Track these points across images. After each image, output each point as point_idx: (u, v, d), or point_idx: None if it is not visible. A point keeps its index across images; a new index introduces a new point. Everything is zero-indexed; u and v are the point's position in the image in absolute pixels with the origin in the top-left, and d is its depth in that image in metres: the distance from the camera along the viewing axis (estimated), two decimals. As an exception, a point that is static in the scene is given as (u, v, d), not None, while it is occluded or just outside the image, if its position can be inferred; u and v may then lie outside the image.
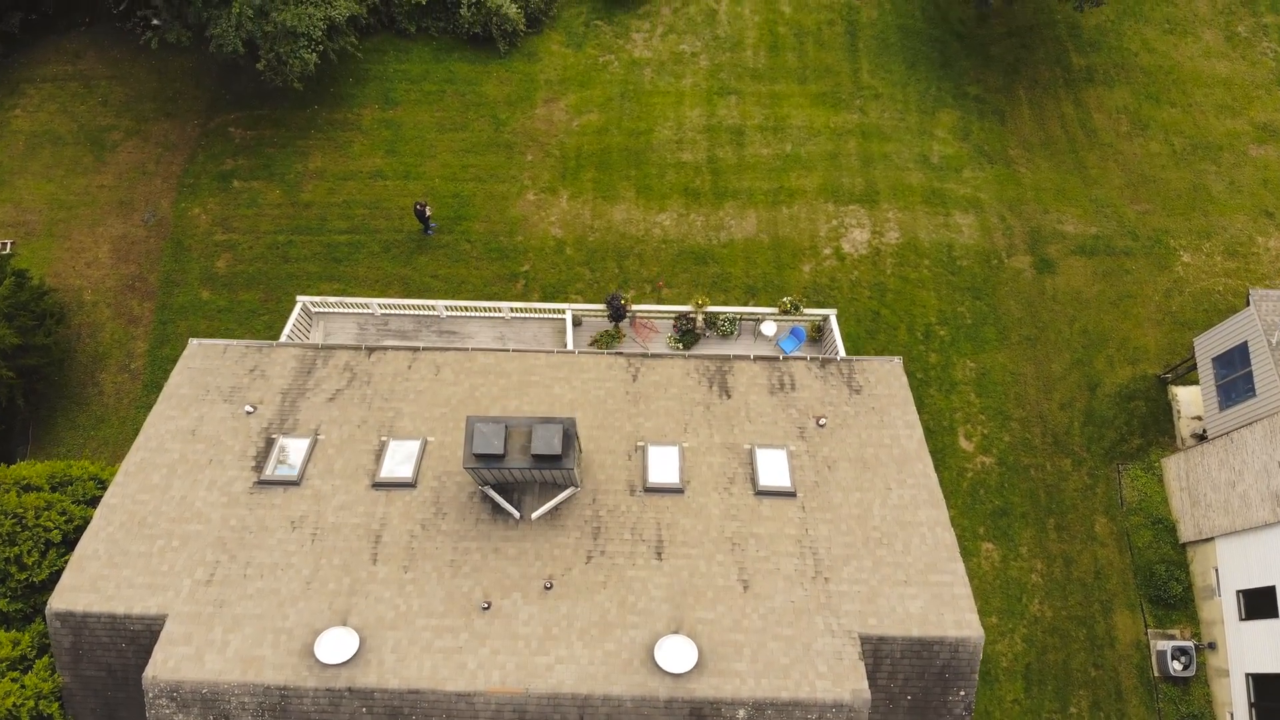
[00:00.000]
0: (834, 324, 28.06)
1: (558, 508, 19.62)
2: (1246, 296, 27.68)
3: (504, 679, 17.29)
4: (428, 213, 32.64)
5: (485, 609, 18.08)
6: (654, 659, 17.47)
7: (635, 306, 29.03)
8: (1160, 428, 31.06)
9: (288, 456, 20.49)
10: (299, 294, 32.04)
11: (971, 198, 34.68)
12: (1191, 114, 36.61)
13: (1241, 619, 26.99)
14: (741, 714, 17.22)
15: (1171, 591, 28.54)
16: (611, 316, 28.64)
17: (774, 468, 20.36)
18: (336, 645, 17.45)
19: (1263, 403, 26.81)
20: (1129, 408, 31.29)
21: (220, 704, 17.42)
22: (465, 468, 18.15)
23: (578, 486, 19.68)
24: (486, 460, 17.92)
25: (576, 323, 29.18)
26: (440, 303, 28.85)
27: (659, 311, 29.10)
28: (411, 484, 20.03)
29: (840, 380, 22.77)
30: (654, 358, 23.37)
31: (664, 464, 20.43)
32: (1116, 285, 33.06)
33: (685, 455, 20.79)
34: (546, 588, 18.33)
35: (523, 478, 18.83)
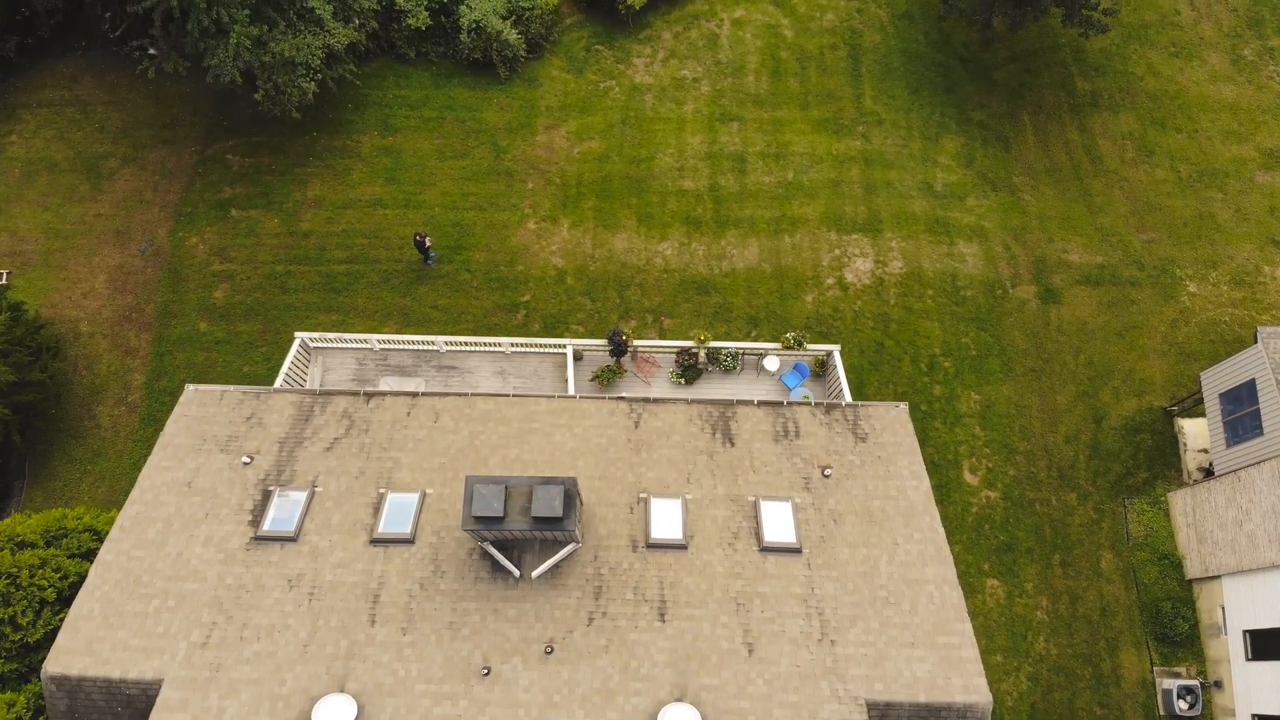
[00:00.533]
0: (838, 360, 27.77)
1: (559, 565, 19.35)
2: (1255, 333, 27.40)
3: (505, 746, 17.03)
4: (427, 244, 32.36)
5: (485, 674, 17.81)
6: (657, 727, 17.20)
7: (637, 341, 28.75)
8: (1166, 461, 30.78)
9: (285, 511, 20.20)
10: (298, 327, 31.81)
11: (976, 226, 34.38)
12: (1197, 140, 36.29)
13: (1248, 659, 26.71)
14: (746, 782, 16.96)
15: (1177, 629, 28.28)
16: (613, 352, 28.36)
17: (779, 522, 20.08)
18: (334, 713, 17.18)
19: (1270, 442, 26.52)
20: (1135, 440, 31.02)
21: (217, 771, 17.16)
22: (464, 529, 17.87)
23: (579, 543, 19.41)
24: (486, 523, 17.65)
25: (578, 357, 28.90)
26: (440, 338, 28.55)
27: (660, 347, 28.82)
28: (410, 540, 19.75)
29: (845, 427, 22.49)
30: (656, 402, 23.08)
31: (667, 518, 20.14)
32: (1122, 316, 32.76)
33: (688, 508, 20.51)
34: (547, 652, 18.06)
35: (523, 536, 18.56)
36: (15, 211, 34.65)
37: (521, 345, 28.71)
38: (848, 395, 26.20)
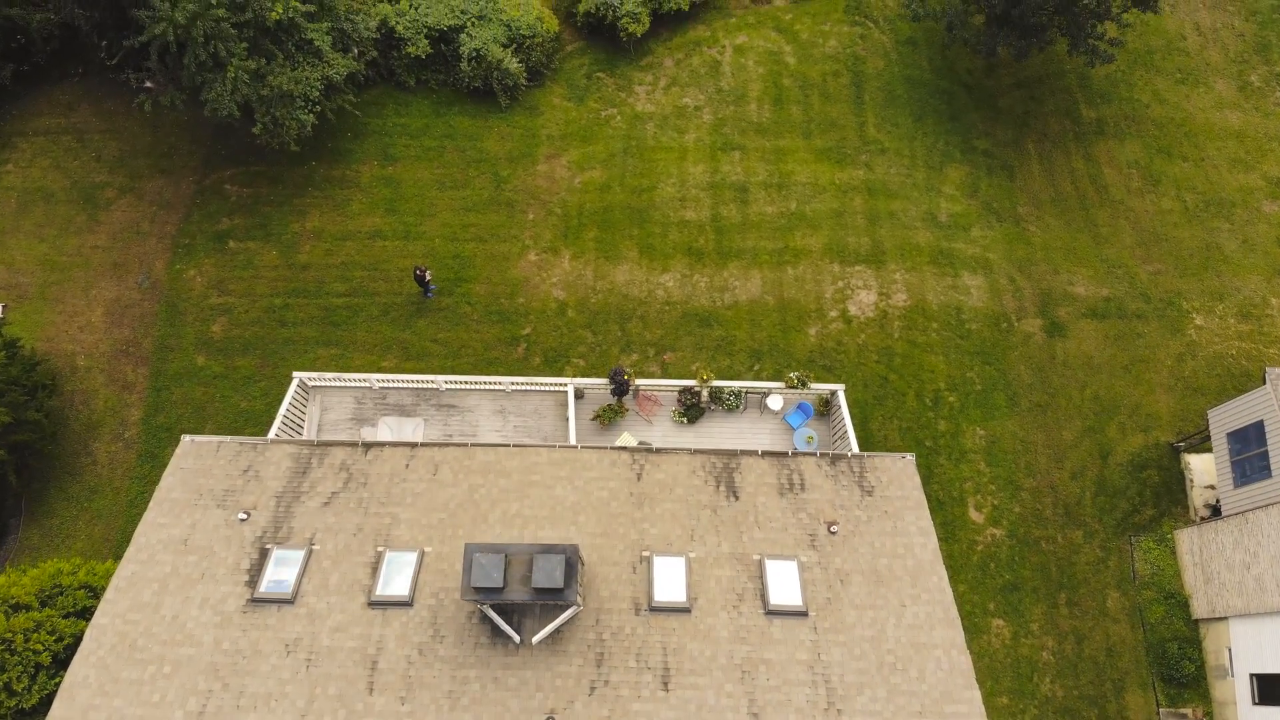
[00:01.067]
0: (842, 399, 27.46)
1: (560, 629, 19.07)
2: (1264, 374, 27.12)
3: (506, 822, 16.75)
4: (428, 277, 32.06)
5: (486, 747, 17.56)
6: (660, 800, 16.93)
7: (639, 380, 28.44)
8: (1173, 497, 30.51)
9: (281, 571, 19.91)
10: (296, 362, 31.58)
11: (980, 258, 34.06)
12: (1204, 168, 35.97)
13: (1255, 703, 26.47)
14: None
15: (1184, 670, 28.03)
16: (614, 391, 28.05)
17: (785, 582, 19.79)
18: (333, 789, 16.92)
19: (1278, 485, 26.27)
20: (1141, 477, 30.73)
21: (213, 847, 16.90)
22: (464, 599, 17.58)
23: (580, 606, 19.12)
24: (485, 593, 17.37)
25: (579, 395, 28.60)
26: (440, 377, 28.25)
27: (663, 386, 28.52)
28: (408, 602, 19.46)
29: (852, 479, 22.19)
30: (658, 453, 22.80)
31: (670, 578, 19.85)
32: (1128, 350, 32.46)
33: (692, 567, 20.22)
34: (549, 723, 17.81)
35: (523, 603, 18.28)
36: (11, 243, 34.34)
37: (523, 384, 28.41)
38: (852, 437, 25.89)
